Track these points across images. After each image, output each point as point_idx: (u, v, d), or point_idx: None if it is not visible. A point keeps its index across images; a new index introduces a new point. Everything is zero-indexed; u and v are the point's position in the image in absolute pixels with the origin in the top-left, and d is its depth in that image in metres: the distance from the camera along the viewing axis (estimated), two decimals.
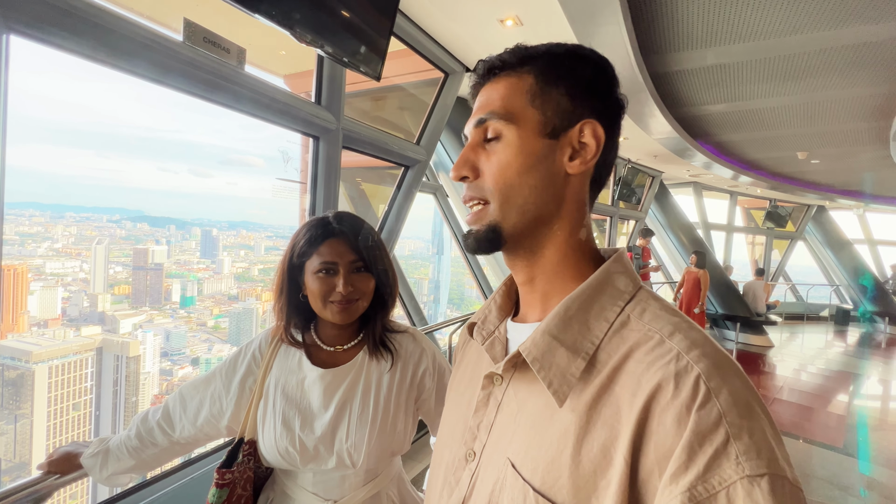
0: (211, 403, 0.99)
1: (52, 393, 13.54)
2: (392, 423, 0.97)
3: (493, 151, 0.52)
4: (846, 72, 3.23)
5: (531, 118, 0.51)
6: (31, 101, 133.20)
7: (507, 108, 0.51)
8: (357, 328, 1.03)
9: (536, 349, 0.48)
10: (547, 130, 0.51)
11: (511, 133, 0.51)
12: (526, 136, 0.51)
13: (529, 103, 0.51)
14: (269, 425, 0.94)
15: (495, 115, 0.52)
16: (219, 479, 0.92)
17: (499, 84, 0.53)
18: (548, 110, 0.51)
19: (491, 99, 0.53)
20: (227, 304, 16.58)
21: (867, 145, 5.15)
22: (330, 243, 0.95)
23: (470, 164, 0.53)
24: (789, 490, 0.36)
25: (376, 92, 3.30)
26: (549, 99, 0.51)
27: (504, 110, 0.51)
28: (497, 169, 0.51)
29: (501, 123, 0.51)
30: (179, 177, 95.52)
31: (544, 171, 0.51)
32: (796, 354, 7.14)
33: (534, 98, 0.51)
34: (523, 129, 0.51)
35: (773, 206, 9.97)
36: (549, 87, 0.51)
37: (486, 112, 0.52)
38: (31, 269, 15.21)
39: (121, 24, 1.30)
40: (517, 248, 0.53)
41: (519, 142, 0.51)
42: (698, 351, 0.42)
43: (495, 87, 0.53)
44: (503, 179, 0.51)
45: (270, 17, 1.53)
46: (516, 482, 0.46)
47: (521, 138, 0.51)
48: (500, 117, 0.51)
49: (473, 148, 0.54)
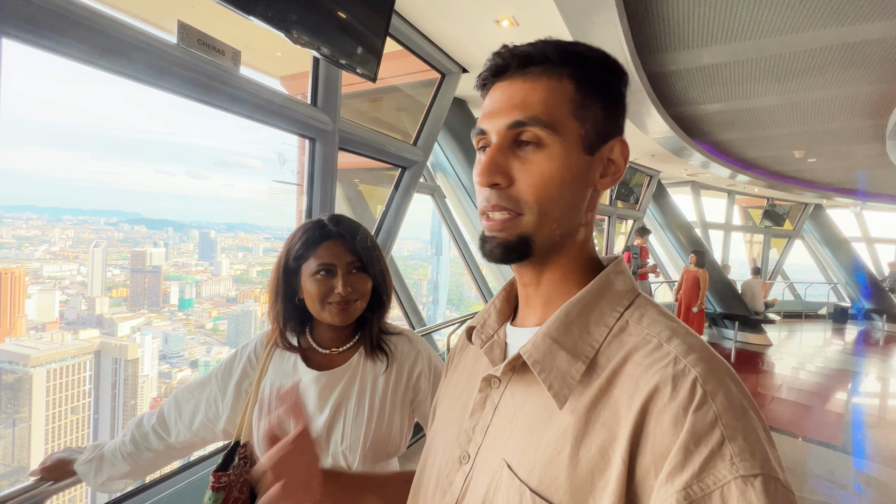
0: (207, 407, 0.98)
1: (51, 397, 13.49)
2: (388, 425, 0.97)
3: (533, 161, 0.49)
4: (841, 70, 3.24)
5: (573, 131, 0.49)
6: (28, 104, 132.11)
7: (552, 115, 0.48)
8: (353, 330, 1.03)
9: (537, 352, 0.48)
10: (586, 146, 0.50)
11: (556, 144, 0.48)
12: (569, 150, 0.49)
13: (571, 114, 0.49)
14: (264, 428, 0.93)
15: (539, 122, 0.48)
16: (214, 482, 0.92)
17: (538, 84, 0.49)
18: (587, 124, 0.49)
19: (530, 100, 0.48)
20: (225, 307, 16.55)
21: (864, 143, 5.17)
22: (327, 245, 0.95)
23: (502, 169, 0.49)
24: (781, 491, 0.37)
25: (373, 93, 3.30)
26: (588, 113, 0.49)
27: (549, 118, 0.48)
28: (539, 181, 0.48)
29: (546, 132, 0.48)
30: (176, 179, 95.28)
31: (581, 186, 0.51)
32: (795, 353, 7.16)
33: (575, 109, 0.49)
34: (567, 141, 0.49)
35: (771, 204, 9.99)
36: (589, 100, 0.49)
37: (527, 115, 0.48)
38: (29, 272, 15.16)
39: (114, 26, 1.29)
40: (541, 258, 0.52)
41: (563, 155, 0.48)
42: (695, 355, 0.43)
43: (534, 87, 0.49)
44: (545, 193, 0.48)
45: (265, 19, 1.53)
46: (512, 483, 0.46)
47: (565, 152, 0.48)
48: (545, 126, 0.48)
49: (503, 151, 0.49)
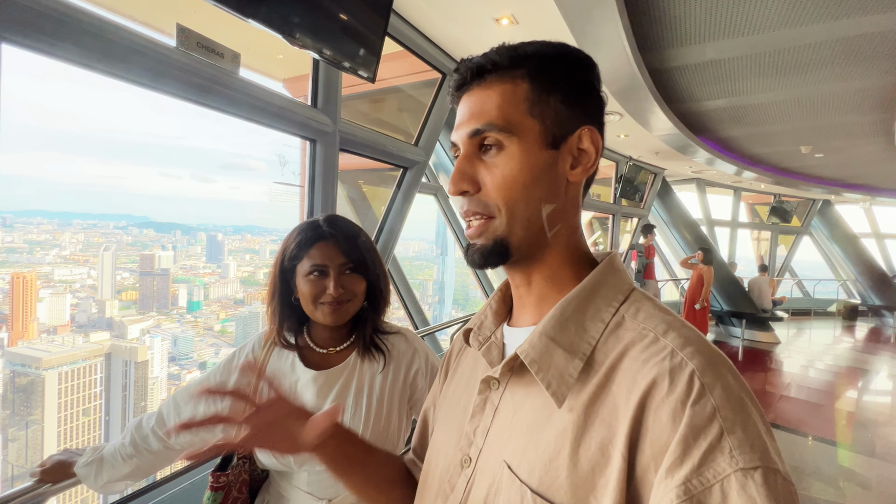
0: (206, 407, 0.99)
1: (62, 399, 13.67)
2: (385, 423, 0.98)
3: (495, 164, 0.50)
4: (847, 64, 3.20)
5: (531, 129, 0.49)
6: (37, 111, 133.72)
7: (506, 118, 0.49)
8: (349, 330, 1.03)
9: (534, 351, 0.48)
10: (548, 141, 0.50)
11: (513, 145, 0.49)
12: (529, 148, 0.49)
13: (528, 113, 0.49)
14: None
15: (494, 126, 0.49)
16: (213, 482, 0.93)
17: (492, 90, 0.50)
18: (546, 120, 0.50)
19: (485, 107, 0.50)
20: (233, 308, 16.67)
21: (872, 138, 5.10)
22: (320, 246, 0.96)
23: (468, 177, 0.51)
24: (781, 483, 0.36)
25: (374, 94, 3.31)
26: (546, 108, 0.50)
27: (503, 121, 0.49)
28: (502, 183, 0.49)
29: (502, 135, 0.49)
30: (183, 182, 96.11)
31: (549, 182, 0.50)
32: (804, 350, 7.08)
33: (532, 107, 0.49)
34: (525, 140, 0.49)
35: (778, 201, 9.89)
36: (546, 95, 0.50)
37: (483, 123, 0.50)
38: (40, 276, 15.36)
39: (113, 30, 1.30)
40: (521, 258, 0.52)
41: (522, 154, 0.49)
42: (692, 348, 0.42)
43: (488, 94, 0.50)
44: (509, 194, 0.49)
45: (264, 22, 1.53)
46: (513, 483, 0.46)
47: (523, 151, 0.49)
48: (501, 129, 0.49)
49: (469, 159, 0.51)
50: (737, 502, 0.35)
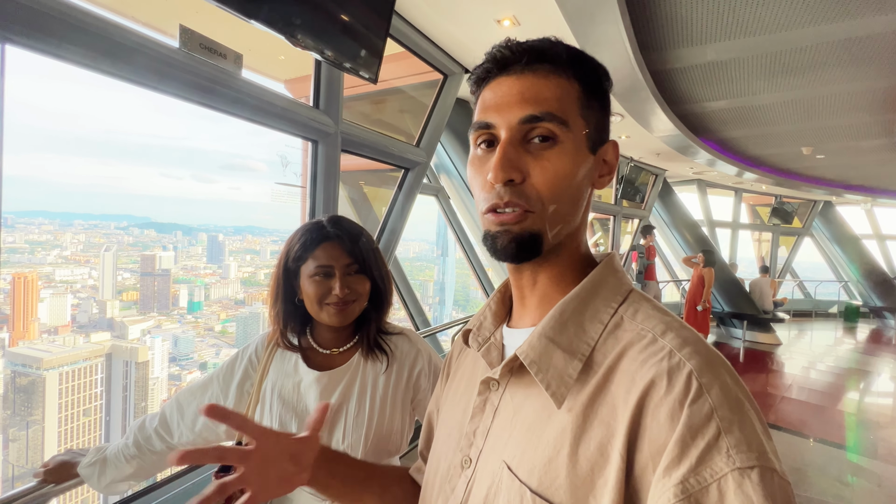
0: None
1: (63, 399, 13.67)
2: (388, 424, 0.97)
3: (547, 157, 0.48)
4: (848, 65, 3.20)
5: (581, 129, 0.49)
6: (38, 112, 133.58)
7: (565, 111, 0.48)
8: (353, 330, 1.03)
9: (533, 352, 0.48)
10: (590, 145, 0.50)
11: (568, 141, 0.48)
12: (579, 148, 0.49)
13: (579, 113, 0.49)
14: None
15: (555, 117, 0.47)
16: None
17: (549, 80, 0.48)
18: (590, 124, 0.50)
19: (543, 95, 0.48)
20: (233, 309, 16.67)
21: (873, 139, 5.09)
22: (325, 247, 0.96)
23: (516, 166, 0.47)
24: (778, 482, 0.36)
25: (376, 95, 3.31)
26: (591, 112, 0.50)
27: (562, 113, 0.48)
28: (554, 177, 0.47)
29: (560, 128, 0.47)
30: (184, 182, 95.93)
31: (586, 185, 0.51)
32: (805, 352, 7.07)
33: (582, 108, 0.49)
34: (577, 139, 0.49)
35: (779, 202, 9.88)
36: (592, 101, 0.50)
37: (542, 110, 0.47)
38: (42, 276, 15.38)
39: (116, 30, 1.31)
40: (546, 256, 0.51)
41: (575, 152, 0.49)
42: (690, 348, 0.43)
43: (545, 83, 0.48)
44: (559, 190, 0.48)
45: (266, 23, 1.54)
46: (513, 484, 0.46)
47: (576, 149, 0.49)
48: (561, 121, 0.47)
49: (516, 147, 0.48)
50: (734, 501, 0.35)
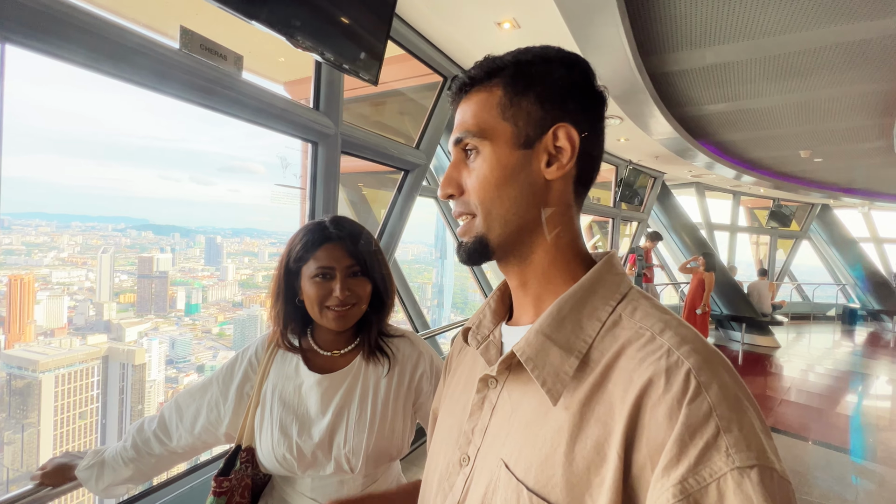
0: (208, 411, 0.98)
1: (59, 402, 13.56)
2: (390, 427, 0.97)
3: (473, 168, 0.54)
4: (846, 69, 3.21)
5: (504, 131, 0.52)
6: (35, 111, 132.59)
7: (480, 124, 0.53)
8: (354, 333, 1.02)
9: (530, 349, 0.48)
10: (521, 141, 0.52)
11: (486, 149, 0.53)
12: (500, 150, 0.52)
13: (500, 117, 0.52)
14: (266, 432, 0.93)
15: (469, 132, 0.53)
16: (216, 487, 0.92)
17: (471, 101, 0.55)
18: (519, 121, 0.52)
19: (465, 117, 0.54)
20: (231, 311, 16.57)
21: (871, 142, 5.11)
22: (327, 248, 0.95)
23: (454, 181, 0.55)
24: (778, 481, 0.36)
25: (376, 97, 3.31)
26: (519, 110, 0.52)
27: (477, 127, 0.53)
28: (477, 184, 0.53)
29: (476, 140, 0.53)
30: (182, 184, 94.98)
31: (522, 181, 0.52)
32: (803, 355, 7.08)
33: (504, 111, 0.52)
34: (497, 143, 0.52)
35: (777, 205, 9.90)
36: (518, 98, 0.52)
37: (462, 131, 0.54)
38: (38, 278, 15.28)
39: (116, 31, 1.30)
40: (506, 256, 0.55)
41: (494, 156, 0.52)
42: (688, 346, 0.42)
43: (468, 105, 0.55)
44: (483, 193, 0.53)
45: (268, 24, 1.53)
46: (510, 482, 0.46)
47: (495, 153, 0.52)
48: (474, 135, 0.53)
49: (456, 165, 0.56)
50: (733, 501, 0.35)
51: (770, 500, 0.34)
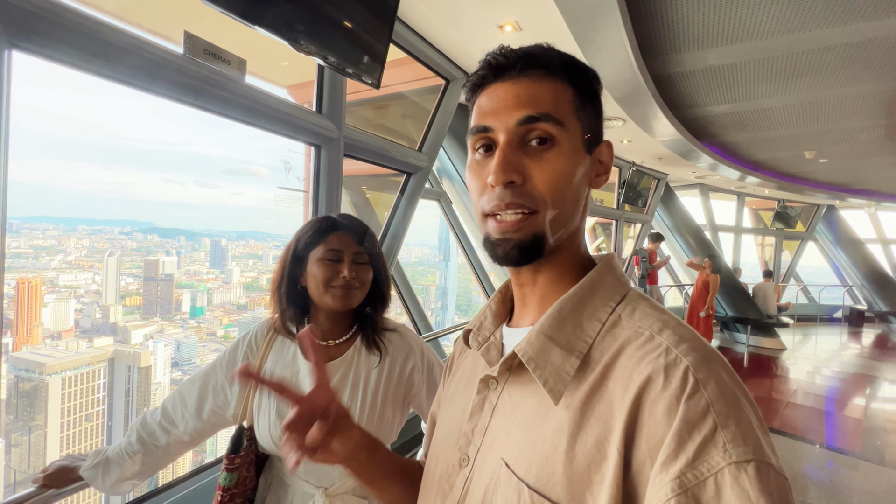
0: (214, 395, 1.02)
1: (66, 404, 13.67)
2: (379, 417, 1.01)
3: (546, 158, 0.48)
4: (850, 69, 3.20)
5: (577, 130, 0.50)
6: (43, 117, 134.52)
7: (560, 112, 0.49)
8: (350, 323, 1.06)
9: (531, 349, 0.49)
10: (586, 146, 0.52)
11: (566, 142, 0.49)
12: (576, 148, 0.50)
13: (574, 114, 0.50)
14: (263, 415, 0.98)
15: (551, 118, 0.48)
16: (228, 464, 0.97)
17: (543, 84, 0.49)
18: (586, 126, 0.52)
19: (539, 98, 0.49)
20: (236, 314, 16.67)
21: (877, 143, 5.08)
22: (337, 234, 1.01)
23: (516, 167, 0.48)
24: (774, 476, 0.37)
25: (378, 100, 3.33)
26: (586, 114, 0.52)
27: (558, 114, 0.49)
28: (554, 178, 0.48)
29: (558, 129, 0.48)
30: (186, 188, 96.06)
31: (583, 185, 0.52)
32: (809, 357, 7.03)
33: (577, 110, 0.51)
34: (573, 139, 0.50)
35: (782, 206, 9.85)
36: (584, 102, 0.52)
37: (539, 111, 0.48)
38: (45, 281, 15.41)
39: (121, 36, 1.32)
40: (545, 257, 0.51)
41: (572, 152, 0.50)
42: (686, 345, 0.43)
43: (540, 87, 0.49)
44: (559, 190, 0.49)
45: (270, 28, 1.55)
46: (510, 481, 0.46)
47: (573, 149, 0.50)
48: (556, 122, 0.48)
49: (514, 148, 0.49)
50: (730, 495, 0.35)
51: (766, 495, 0.35)
